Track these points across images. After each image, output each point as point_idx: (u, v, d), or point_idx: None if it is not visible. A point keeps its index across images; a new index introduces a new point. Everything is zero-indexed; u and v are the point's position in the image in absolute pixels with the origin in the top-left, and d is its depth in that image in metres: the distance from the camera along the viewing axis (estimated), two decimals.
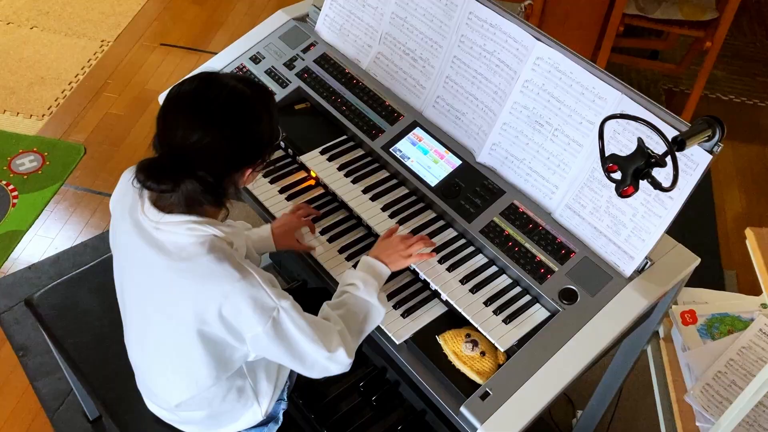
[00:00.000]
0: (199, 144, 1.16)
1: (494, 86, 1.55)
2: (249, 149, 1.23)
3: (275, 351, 1.26)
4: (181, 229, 1.21)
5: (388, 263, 1.40)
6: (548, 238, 1.45)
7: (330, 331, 1.30)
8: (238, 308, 1.20)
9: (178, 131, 1.16)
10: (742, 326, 1.57)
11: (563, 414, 2.19)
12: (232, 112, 1.19)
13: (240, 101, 1.20)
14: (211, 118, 1.17)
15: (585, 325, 1.34)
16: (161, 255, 1.22)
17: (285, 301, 1.24)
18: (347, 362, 1.31)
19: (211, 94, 1.19)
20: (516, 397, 1.27)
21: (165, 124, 1.20)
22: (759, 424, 1.42)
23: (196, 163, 1.17)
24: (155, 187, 1.16)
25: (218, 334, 1.25)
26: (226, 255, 1.21)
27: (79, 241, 2.61)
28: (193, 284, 1.21)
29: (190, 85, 1.21)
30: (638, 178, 1.08)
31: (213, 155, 1.18)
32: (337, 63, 1.81)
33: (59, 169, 2.85)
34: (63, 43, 3.45)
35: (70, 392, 2.15)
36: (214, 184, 1.20)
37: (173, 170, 1.16)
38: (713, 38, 2.93)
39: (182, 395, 1.39)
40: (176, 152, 1.17)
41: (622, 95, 1.36)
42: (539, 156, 1.49)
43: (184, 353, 1.30)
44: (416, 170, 1.60)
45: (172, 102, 1.20)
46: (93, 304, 1.74)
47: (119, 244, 1.35)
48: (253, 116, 1.22)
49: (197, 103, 1.18)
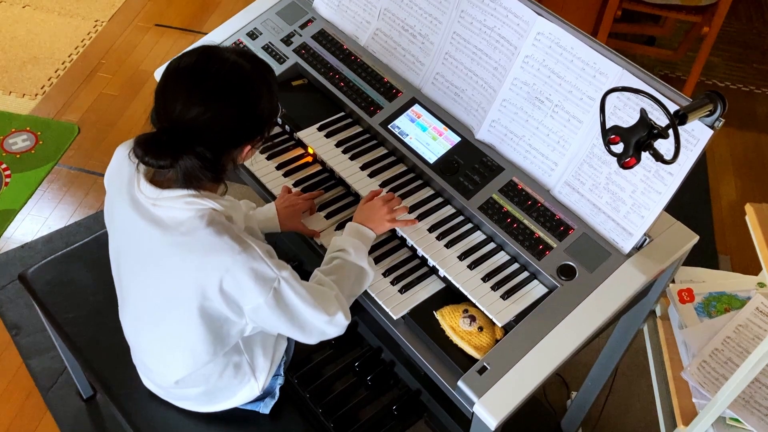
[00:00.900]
0: (198, 119, 1.14)
1: (494, 62, 1.54)
2: (248, 125, 1.22)
3: (275, 321, 1.26)
4: (179, 204, 1.20)
5: (372, 228, 1.42)
6: (547, 214, 1.45)
7: (327, 296, 1.30)
8: (239, 281, 1.19)
9: (177, 105, 1.14)
10: (739, 305, 1.58)
11: (558, 395, 2.20)
12: (232, 87, 1.17)
13: (240, 76, 1.18)
14: (211, 93, 1.15)
15: (583, 301, 1.34)
16: (160, 230, 1.21)
17: (285, 271, 1.23)
18: (344, 323, 1.32)
19: (211, 68, 1.17)
20: (513, 372, 1.27)
21: (164, 98, 1.17)
22: (755, 400, 1.42)
23: (194, 138, 1.15)
24: (153, 163, 1.14)
25: (218, 309, 1.24)
26: (226, 228, 1.20)
27: (72, 220, 2.59)
28: (194, 258, 1.20)
29: (189, 59, 1.18)
30: (640, 150, 1.08)
31: (212, 131, 1.16)
32: (335, 39, 1.79)
33: (52, 148, 2.82)
34: (56, 23, 3.41)
35: (63, 371, 2.14)
36: (212, 159, 1.18)
37: (172, 145, 1.14)
38: (711, 23, 2.93)
39: (179, 372, 1.38)
40: (175, 127, 1.15)
41: (623, 70, 1.35)
42: (539, 133, 1.49)
43: (182, 329, 1.29)
44: (415, 147, 1.60)
45: (172, 75, 1.18)
46: (88, 280, 1.72)
47: (115, 221, 1.34)
48: (253, 92, 1.20)
49: (197, 77, 1.16)
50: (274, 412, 1.52)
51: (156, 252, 1.24)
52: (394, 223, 1.45)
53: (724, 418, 1.45)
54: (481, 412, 1.24)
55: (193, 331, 1.28)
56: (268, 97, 1.23)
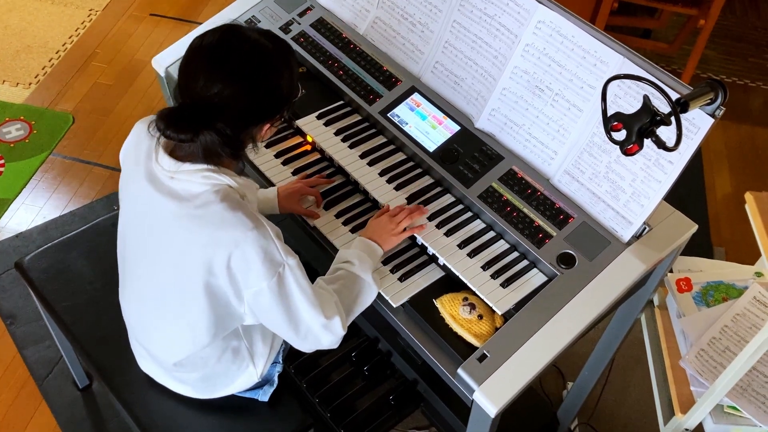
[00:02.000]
0: (220, 95, 1.16)
1: (494, 51, 1.53)
2: (268, 104, 1.24)
3: (273, 310, 1.25)
4: (197, 177, 1.21)
5: (380, 243, 1.40)
6: (547, 203, 1.45)
7: (327, 299, 1.30)
8: (247, 258, 1.19)
9: (199, 81, 1.17)
10: (737, 294, 1.59)
11: (554, 386, 2.21)
12: (254, 65, 1.19)
13: (262, 55, 1.20)
14: (233, 71, 1.17)
15: (583, 290, 1.34)
16: (174, 202, 1.22)
17: (292, 259, 1.24)
18: (340, 334, 1.31)
19: (234, 46, 1.19)
20: (513, 360, 1.27)
21: (186, 74, 1.20)
22: (753, 388, 1.43)
23: (216, 114, 1.17)
24: (175, 136, 1.16)
25: (222, 287, 1.24)
26: (239, 204, 1.22)
27: (67, 210, 2.58)
28: (205, 231, 1.20)
29: (213, 37, 1.20)
30: (643, 137, 1.08)
31: (233, 107, 1.18)
32: (334, 27, 1.79)
33: (47, 137, 2.80)
34: (50, 11, 3.39)
35: (59, 360, 2.13)
36: (232, 136, 1.20)
37: (194, 120, 1.16)
38: (707, 16, 2.93)
39: (179, 353, 1.38)
40: (197, 102, 1.17)
41: (624, 59, 1.35)
42: (539, 121, 1.48)
43: (186, 305, 1.29)
44: (414, 136, 1.59)
45: (195, 52, 1.20)
46: (84, 268, 1.72)
47: (129, 194, 1.34)
48: (274, 71, 1.22)
49: (220, 54, 1.18)
50: (273, 400, 1.52)
51: (168, 224, 1.25)
52: (402, 236, 1.43)
53: (722, 406, 1.46)
54: (481, 400, 1.24)
55: (196, 308, 1.28)
56: (289, 77, 1.25)
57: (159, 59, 1.82)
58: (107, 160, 2.75)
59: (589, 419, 2.11)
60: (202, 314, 1.29)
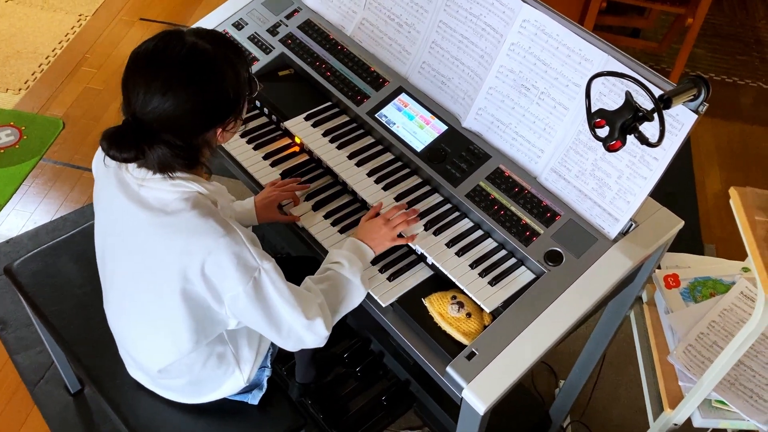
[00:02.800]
0: (160, 108, 1.12)
1: (480, 50, 1.54)
2: (215, 108, 1.18)
3: (253, 314, 1.25)
4: (166, 185, 1.20)
5: (372, 246, 1.39)
6: (534, 201, 1.46)
7: (310, 300, 1.29)
8: (221, 265, 1.19)
9: (138, 96, 1.12)
10: (724, 289, 1.59)
11: (546, 384, 2.22)
12: (192, 71, 1.14)
13: (200, 59, 1.14)
14: (170, 80, 1.12)
15: (570, 287, 1.34)
16: (145, 211, 1.21)
17: (267, 263, 1.23)
18: (324, 334, 1.30)
19: (169, 53, 1.13)
20: (502, 357, 1.27)
21: (126, 88, 1.15)
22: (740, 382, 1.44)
23: (159, 128, 1.13)
24: (118, 156, 1.13)
25: (199, 293, 1.24)
26: (210, 211, 1.20)
27: (58, 215, 2.57)
28: (178, 239, 1.20)
29: (147, 45, 1.15)
30: (626, 133, 1.09)
31: (176, 118, 1.14)
32: (321, 29, 1.79)
33: (37, 143, 2.80)
34: (39, 17, 3.38)
35: (50, 365, 2.12)
36: (183, 146, 1.17)
37: (135, 138, 1.13)
38: (694, 14, 2.95)
39: (163, 360, 1.38)
40: (137, 119, 1.13)
41: (608, 56, 1.36)
42: (525, 120, 1.49)
43: (166, 314, 1.29)
44: (402, 136, 1.60)
45: (132, 64, 1.15)
46: (74, 272, 1.71)
47: (102, 204, 1.34)
48: (215, 74, 1.16)
49: (155, 64, 1.13)
50: (263, 404, 1.52)
51: (141, 233, 1.24)
52: (396, 241, 1.42)
53: (710, 400, 1.47)
54: (469, 398, 1.25)
55: (176, 316, 1.27)
56: (234, 77, 1.18)
57: None
58: None
59: (581, 417, 2.12)
60: (182, 321, 1.28)
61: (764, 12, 3.94)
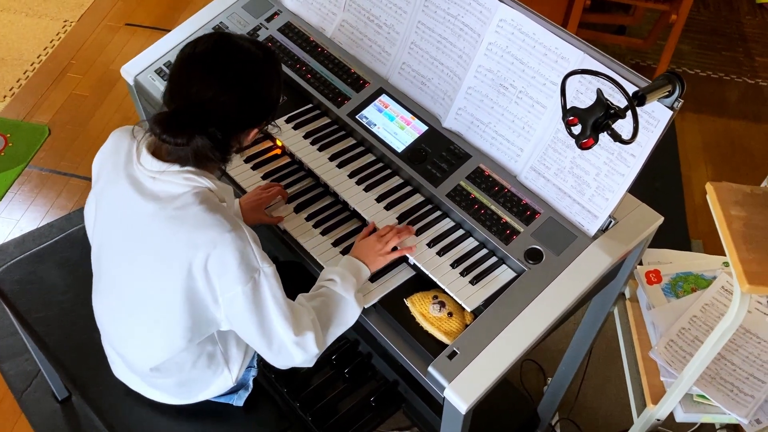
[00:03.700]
0: (213, 100, 1.19)
1: (459, 50, 1.55)
2: (258, 109, 1.27)
3: (247, 318, 1.25)
4: (178, 179, 1.23)
5: (367, 263, 1.39)
6: (513, 200, 1.46)
7: (301, 315, 1.29)
8: (224, 260, 1.20)
9: (194, 87, 1.19)
10: (705, 284, 1.60)
11: (535, 382, 2.22)
12: (246, 72, 1.23)
13: (254, 63, 1.24)
14: (227, 77, 1.21)
15: (550, 284, 1.35)
16: (154, 204, 1.23)
17: (268, 267, 1.24)
18: (314, 352, 1.30)
19: (229, 54, 1.23)
20: (483, 356, 1.28)
21: (179, 80, 1.22)
22: (721, 377, 1.45)
23: (209, 118, 1.19)
24: (171, 140, 1.17)
25: (201, 291, 1.24)
26: (218, 207, 1.23)
27: (44, 222, 2.57)
28: (184, 232, 1.21)
29: (205, 45, 1.23)
30: (598, 130, 1.09)
31: (225, 113, 1.21)
32: (302, 31, 1.79)
33: (23, 150, 2.79)
34: (24, 24, 3.38)
35: (37, 373, 2.12)
36: (222, 141, 1.23)
37: (189, 124, 1.18)
38: (678, 11, 2.96)
39: (155, 358, 1.38)
40: (193, 106, 1.19)
41: (584, 54, 1.36)
42: (504, 119, 1.50)
43: (163, 309, 1.29)
44: (383, 137, 1.60)
45: (187, 59, 1.23)
46: (58, 279, 1.71)
47: (106, 202, 1.34)
48: (266, 78, 1.26)
49: (213, 61, 1.21)
50: (248, 404, 1.52)
51: (147, 227, 1.25)
52: (390, 256, 1.41)
53: (692, 395, 1.48)
54: (451, 397, 1.25)
55: (174, 312, 1.28)
56: (277, 84, 1.29)
57: (128, 68, 1.82)
58: (84, 171, 2.74)
59: (569, 414, 2.12)
60: (179, 318, 1.29)
61: (748, 8, 3.96)
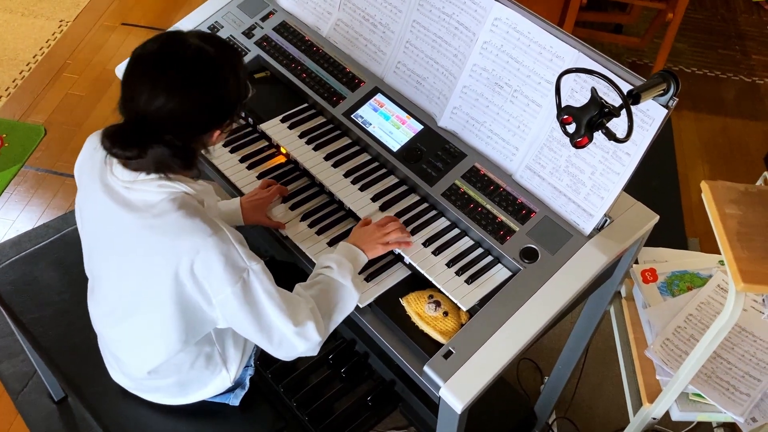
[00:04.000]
0: (164, 109, 1.13)
1: (454, 49, 1.54)
2: (216, 111, 1.21)
3: (242, 317, 1.24)
4: (152, 187, 1.20)
5: (365, 250, 1.38)
6: (509, 199, 1.46)
7: (299, 305, 1.27)
8: (209, 265, 1.19)
9: (143, 96, 1.13)
10: (701, 283, 1.60)
11: (531, 381, 2.22)
12: (198, 74, 1.16)
13: (206, 62, 1.16)
14: (176, 81, 1.14)
15: (546, 283, 1.35)
16: (132, 214, 1.21)
17: (256, 264, 1.22)
18: (317, 340, 1.28)
19: (175, 55, 1.15)
20: (479, 355, 1.27)
21: (129, 88, 1.16)
22: (717, 375, 1.45)
23: (163, 127, 1.15)
24: (121, 154, 1.14)
25: (191, 295, 1.23)
26: (197, 211, 1.21)
27: (40, 222, 2.56)
28: (165, 240, 1.20)
29: (153, 46, 1.17)
30: (592, 129, 1.09)
31: (179, 119, 1.16)
32: (297, 31, 1.79)
33: (19, 150, 2.79)
34: (20, 23, 3.37)
35: (34, 374, 2.12)
36: (182, 147, 1.19)
37: (139, 136, 1.14)
38: (675, 9, 2.96)
39: (152, 362, 1.37)
40: (142, 117, 1.14)
41: (579, 53, 1.36)
42: (499, 118, 1.49)
43: (155, 314, 1.29)
44: (378, 136, 1.60)
45: (136, 64, 1.17)
46: (53, 279, 1.71)
47: (88, 210, 1.33)
48: (219, 77, 1.18)
49: (161, 65, 1.14)
50: (245, 404, 1.52)
51: (129, 237, 1.24)
52: (388, 246, 1.40)
53: (687, 394, 1.48)
54: (447, 396, 1.25)
55: (166, 317, 1.27)
56: (235, 82, 1.21)
57: (122, 67, 1.81)
58: None
59: (566, 413, 2.12)
60: (172, 322, 1.28)
61: (745, 6, 3.96)
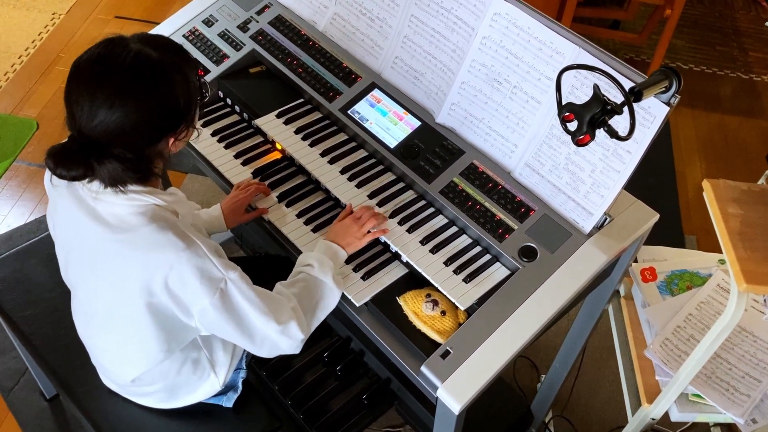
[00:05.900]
0: (107, 121, 1.06)
1: (452, 44, 1.52)
2: (165, 119, 1.13)
3: (223, 325, 1.21)
4: (120, 200, 1.15)
5: (344, 246, 1.37)
6: (508, 196, 1.44)
7: (281, 304, 1.25)
8: (184, 279, 1.15)
9: (83, 111, 1.06)
10: (701, 282, 1.59)
11: (528, 379, 2.21)
12: (138, 81, 1.07)
13: (147, 68, 1.08)
14: (116, 91, 1.05)
15: (545, 282, 1.33)
16: (102, 227, 1.16)
17: (233, 273, 1.19)
18: (299, 338, 1.26)
19: (113, 62, 1.07)
20: (476, 355, 1.26)
21: (69, 102, 1.08)
22: (717, 376, 1.43)
23: (108, 143, 1.08)
24: (66, 175, 1.08)
25: (166, 305, 1.20)
26: (170, 224, 1.15)
27: (32, 218, 2.53)
28: (138, 255, 1.15)
29: (90, 55, 1.08)
30: (594, 127, 1.07)
31: (124, 131, 1.08)
32: (293, 25, 1.76)
33: (10, 144, 2.75)
34: (11, 16, 3.33)
35: (25, 371, 2.09)
36: (135, 159, 1.12)
37: (82, 154, 1.07)
38: (673, 5, 2.95)
39: (135, 371, 1.35)
40: (84, 134, 1.07)
41: (579, 49, 1.34)
42: (498, 115, 1.47)
43: (133, 327, 1.26)
44: (375, 132, 1.57)
45: (74, 76, 1.09)
46: (44, 277, 1.68)
47: (60, 220, 1.29)
48: (163, 81, 1.10)
49: (99, 74, 1.06)
50: (238, 406, 1.50)
51: (100, 249, 1.19)
52: (365, 238, 1.39)
53: (687, 394, 1.46)
54: (444, 397, 1.23)
55: (143, 329, 1.24)
56: (184, 85, 1.13)
57: None
58: None
59: (562, 411, 2.11)
60: (151, 334, 1.25)
61: (742, 3, 3.95)
